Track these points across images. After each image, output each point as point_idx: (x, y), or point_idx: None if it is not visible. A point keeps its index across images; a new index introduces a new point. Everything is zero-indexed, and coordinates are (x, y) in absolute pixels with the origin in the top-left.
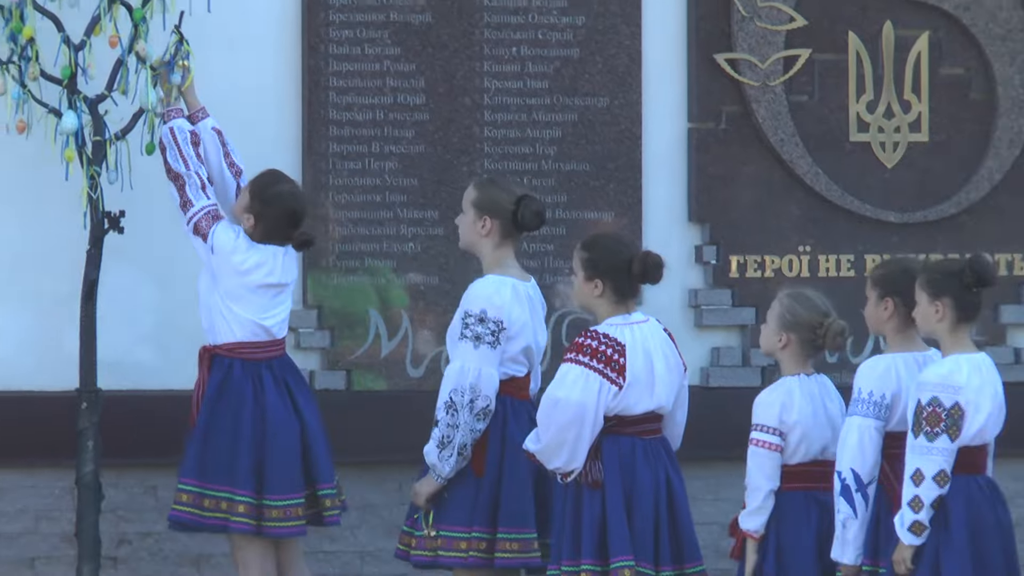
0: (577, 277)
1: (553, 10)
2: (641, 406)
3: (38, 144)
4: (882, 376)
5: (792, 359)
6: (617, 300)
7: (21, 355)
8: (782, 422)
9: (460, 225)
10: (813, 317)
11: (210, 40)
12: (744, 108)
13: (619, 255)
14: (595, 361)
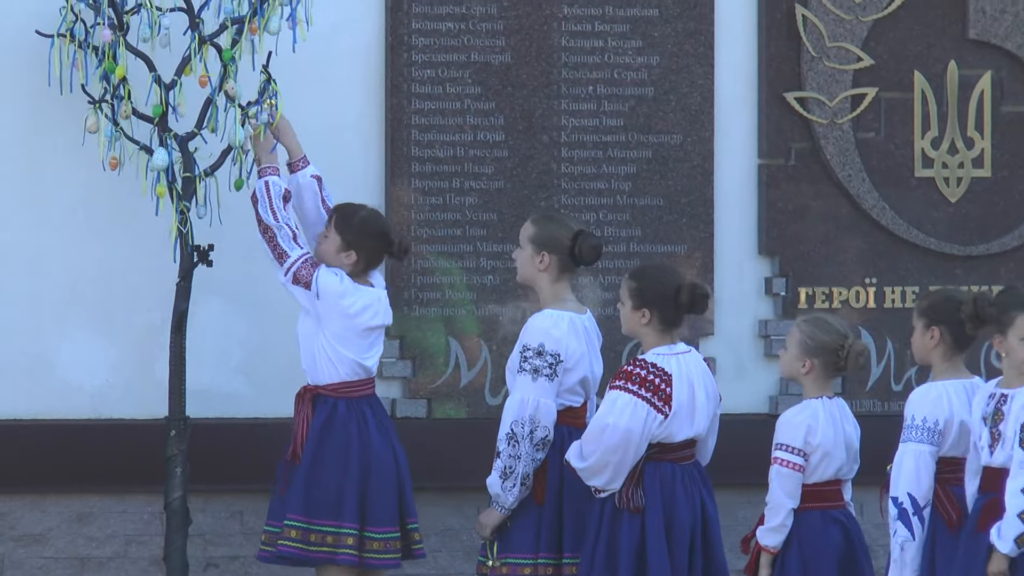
0: (625, 306)
1: (628, 50)
2: (682, 434)
3: (130, 180)
4: (935, 403)
5: (815, 383)
6: (663, 329)
7: (113, 384)
8: (807, 443)
9: (518, 260)
10: (834, 340)
11: (297, 80)
12: (813, 145)
13: (666, 285)
14: (643, 390)
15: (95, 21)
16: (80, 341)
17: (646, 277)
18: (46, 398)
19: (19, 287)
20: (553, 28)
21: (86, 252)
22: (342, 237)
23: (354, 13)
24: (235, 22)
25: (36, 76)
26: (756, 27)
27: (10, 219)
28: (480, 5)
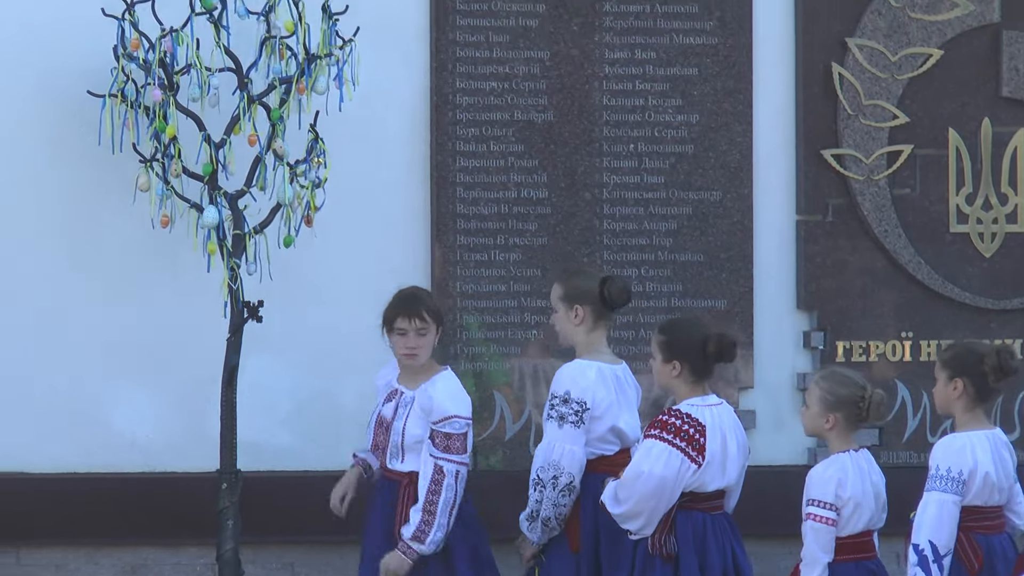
0: (656, 360)
1: (669, 108)
2: (714, 484)
3: (181, 237)
4: (959, 453)
5: (840, 437)
6: (694, 380)
7: (165, 437)
8: (838, 497)
9: (556, 324)
10: (853, 393)
11: (344, 138)
12: (850, 201)
13: (694, 337)
14: (678, 439)
15: (146, 81)
16: (133, 395)
17: (674, 330)
18: (100, 451)
19: (73, 343)
20: (595, 87)
21: (137, 309)
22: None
23: (400, 73)
24: (283, 82)
25: (88, 136)
26: (793, 86)
27: (64, 276)
28: (523, 65)
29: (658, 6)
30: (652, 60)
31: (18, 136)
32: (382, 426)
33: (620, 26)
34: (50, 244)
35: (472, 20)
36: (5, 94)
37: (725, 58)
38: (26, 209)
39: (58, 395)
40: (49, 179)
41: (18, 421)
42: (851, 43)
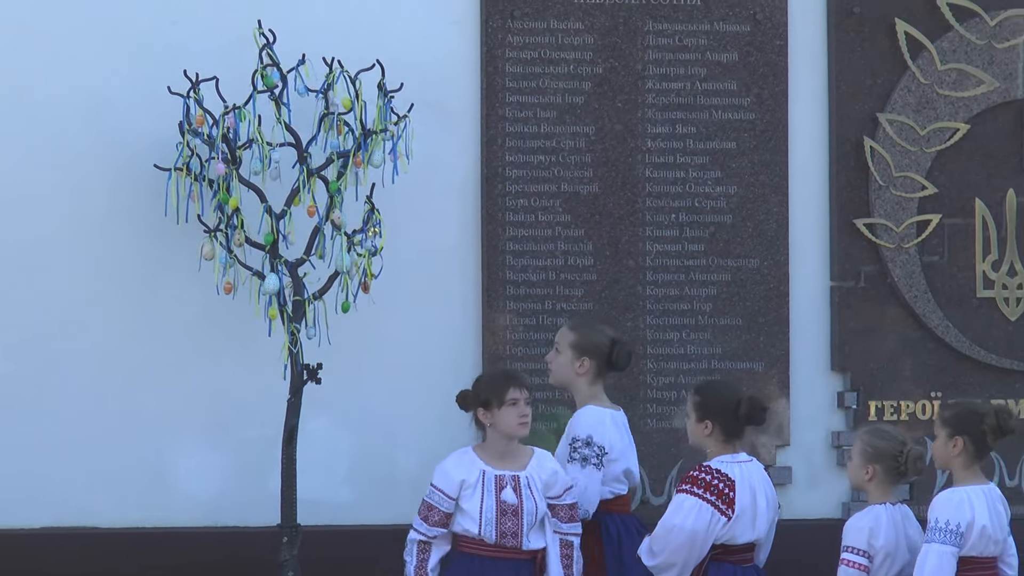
0: (690, 419)
1: (708, 180)
2: (744, 537)
3: (243, 304)
4: (957, 507)
5: (878, 489)
6: (725, 440)
7: (228, 493)
8: (870, 545)
9: (553, 364)
10: (893, 447)
11: (399, 209)
12: (881, 268)
13: (727, 399)
14: (708, 493)
15: (210, 156)
16: (197, 454)
17: (708, 391)
18: (165, 508)
19: (140, 404)
20: (638, 160)
21: (202, 371)
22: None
23: (452, 147)
24: (340, 156)
25: (155, 207)
26: (827, 158)
27: (131, 341)
28: (569, 139)
29: (698, 83)
30: (692, 134)
31: (88, 208)
32: (506, 514)
33: (662, 102)
34: (120, 310)
35: (520, 97)
36: (75, 167)
37: (762, 132)
38: (97, 277)
39: (126, 453)
40: (118, 249)
41: (88, 478)
42: (882, 118)
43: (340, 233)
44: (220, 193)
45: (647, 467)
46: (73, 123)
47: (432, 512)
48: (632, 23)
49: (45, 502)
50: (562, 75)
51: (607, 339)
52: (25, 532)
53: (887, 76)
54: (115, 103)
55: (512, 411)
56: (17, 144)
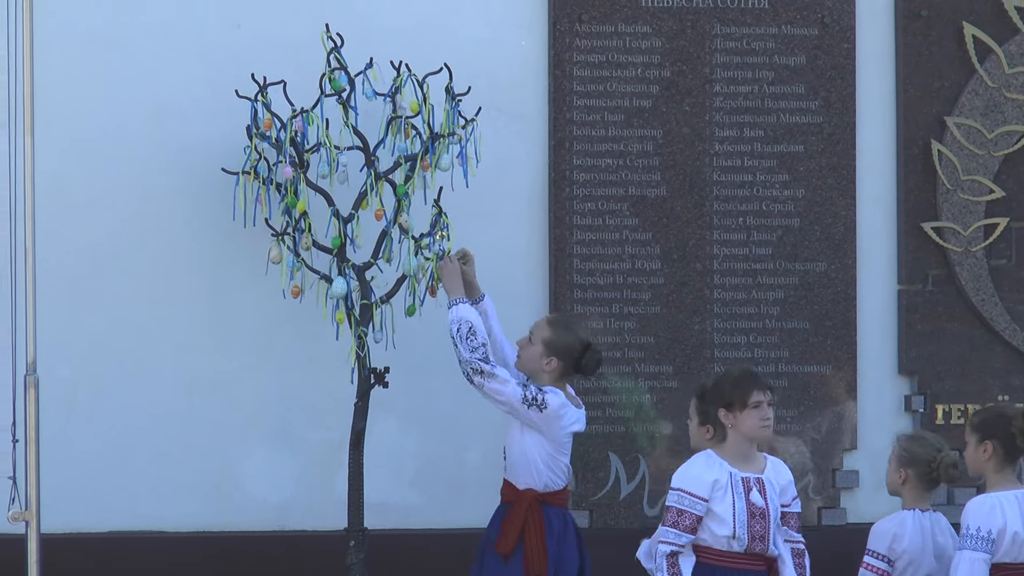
0: (692, 422)
1: (776, 184)
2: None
3: (311, 307)
4: (989, 514)
5: (912, 494)
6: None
7: (296, 497)
8: (891, 549)
9: (522, 351)
10: (927, 453)
11: (466, 213)
12: (948, 271)
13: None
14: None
15: (277, 159)
16: (265, 458)
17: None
18: (233, 512)
19: (208, 407)
20: (705, 163)
21: (270, 375)
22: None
23: (520, 151)
24: (408, 159)
25: (223, 211)
26: (895, 162)
27: (199, 344)
28: (637, 143)
29: (766, 87)
30: (760, 138)
31: (156, 212)
32: (755, 516)
33: (729, 106)
34: (188, 314)
35: (588, 100)
36: (144, 172)
37: (830, 136)
38: (165, 281)
39: (194, 457)
40: (186, 253)
41: (156, 482)
42: (949, 122)
43: (407, 237)
44: (288, 197)
45: None
46: (141, 128)
47: (683, 517)
48: (700, 26)
49: (113, 506)
50: (630, 79)
51: (580, 344)
52: (93, 536)
53: (954, 79)
54: (182, 107)
55: (755, 414)
56: (86, 149)
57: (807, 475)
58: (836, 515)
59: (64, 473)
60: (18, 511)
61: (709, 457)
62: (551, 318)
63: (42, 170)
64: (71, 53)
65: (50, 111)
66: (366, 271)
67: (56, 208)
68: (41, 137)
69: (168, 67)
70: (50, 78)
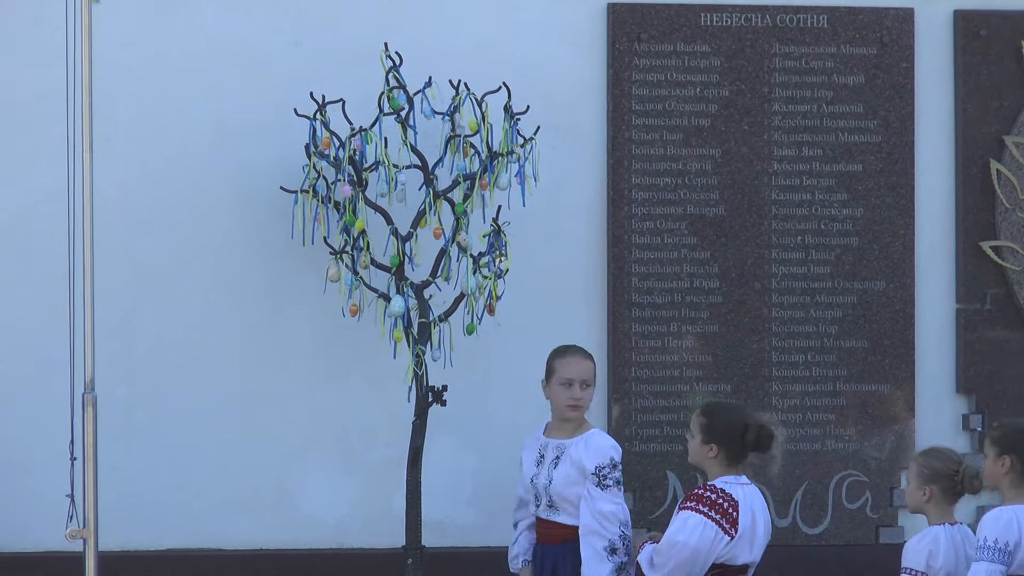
0: (694, 439)
1: (835, 203)
2: (743, 558)
3: (369, 326)
4: (1006, 526)
5: (937, 510)
6: (728, 464)
7: (354, 516)
8: (929, 567)
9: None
10: (948, 466)
11: (525, 231)
12: (1007, 290)
13: (734, 424)
14: (713, 511)
15: (336, 178)
16: (322, 476)
17: (716, 415)
18: (291, 530)
19: (266, 426)
20: (764, 182)
21: (328, 393)
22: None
23: (578, 170)
24: (467, 178)
25: (281, 229)
26: (953, 181)
27: (258, 363)
28: (696, 162)
29: (824, 106)
30: (819, 157)
31: (215, 230)
32: None
33: (788, 125)
34: (246, 332)
35: (647, 120)
36: (203, 190)
37: (888, 155)
38: (224, 300)
39: (251, 475)
40: (245, 271)
41: (214, 500)
42: (1008, 141)
43: (466, 255)
44: (346, 215)
45: (772, 489)
46: (200, 146)
47: None
48: (759, 46)
49: (170, 524)
50: (688, 98)
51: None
52: (151, 554)
53: (1014, 98)
54: (242, 126)
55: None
56: (145, 167)
57: (865, 493)
58: (894, 533)
59: (122, 491)
60: (76, 529)
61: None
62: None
63: (101, 188)
64: (131, 71)
65: (110, 129)
66: (424, 289)
67: (115, 226)
68: (101, 155)
69: (228, 85)
70: (111, 96)
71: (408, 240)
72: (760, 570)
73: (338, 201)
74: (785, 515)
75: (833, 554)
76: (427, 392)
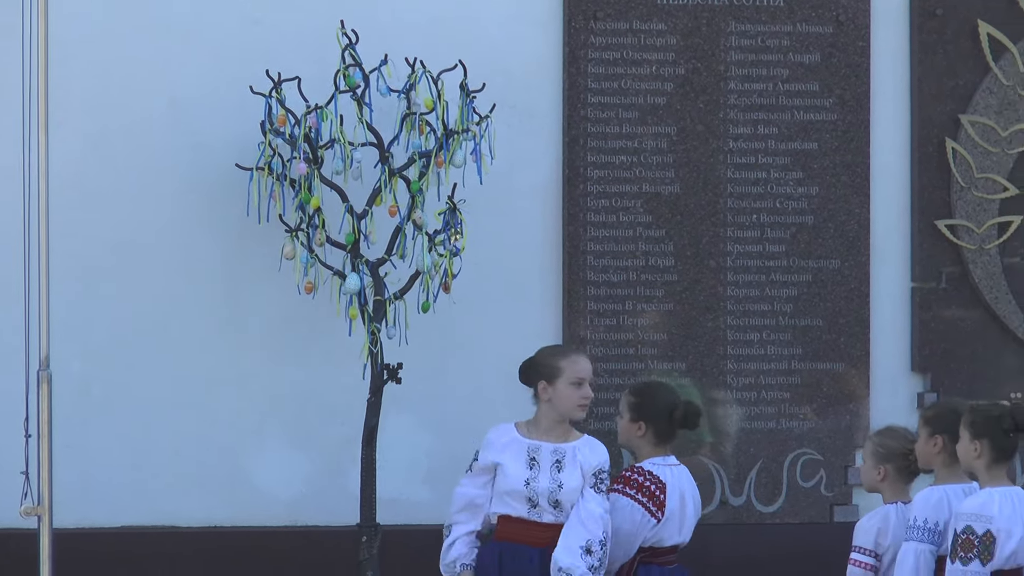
0: (623, 418)
1: (790, 181)
2: (671, 540)
3: (324, 303)
4: (936, 506)
5: (892, 488)
6: (657, 443)
7: (308, 493)
8: (878, 544)
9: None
10: (903, 445)
11: (480, 209)
12: (962, 269)
13: (663, 402)
14: (639, 494)
15: (291, 155)
16: (277, 454)
17: (645, 393)
18: (245, 507)
19: (220, 403)
20: (719, 161)
21: (283, 371)
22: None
23: (534, 148)
24: (422, 156)
25: (236, 207)
26: (909, 160)
27: (213, 340)
28: (651, 140)
29: (780, 84)
30: (774, 135)
31: (169, 208)
32: None
33: (744, 103)
34: (201, 310)
35: (603, 98)
36: (158, 167)
37: (844, 133)
38: (178, 277)
39: (206, 452)
40: (200, 248)
41: (169, 478)
42: (964, 119)
43: (421, 233)
44: (302, 193)
45: (727, 468)
46: (156, 123)
47: None
48: (714, 24)
49: (125, 501)
50: (644, 76)
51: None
52: (105, 531)
53: (969, 77)
54: (196, 103)
55: None
56: (100, 144)
57: (820, 471)
58: (849, 511)
59: (76, 468)
60: (30, 506)
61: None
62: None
63: (56, 165)
64: (86, 48)
65: (65, 106)
66: (380, 267)
67: (70, 203)
68: (55, 132)
69: (183, 62)
70: (65, 73)
71: (363, 218)
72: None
73: (293, 179)
74: (740, 493)
75: (788, 532)
76: (382, 370)
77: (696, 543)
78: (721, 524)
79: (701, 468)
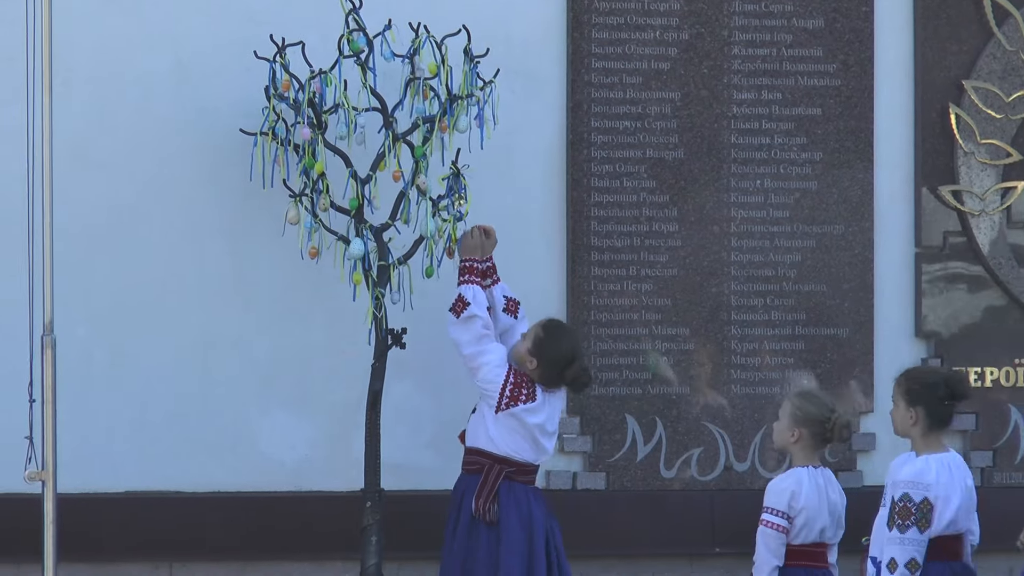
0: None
1: (794, 147)
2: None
3: (328, 268)
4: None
5: (803, 452)
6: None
7: (313, 458)
8: (790, 507)
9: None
10: (821, 413)
11: (484, 174)
12: (966, 234)
13: (560, 354)
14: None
15: (295, 120)
16: (281, 418)
17: (550, 335)
18: (249, 472)
19: (225, 369)
20: (723, 126)
21: (287, 336)
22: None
23: (537, 113)
24: (426, 121)
25: (240, 172)
26: (912, 125)
27: (217, 305)
28: (655, 105)
29: (784, 50)
30: (778, 101)
31: (173, 172)
32: None
33: (748, 68)
34: (205, 275)
35: (607, 63)
36: (162, 132)
37: (847, 99)
38: (182, 242)
39: (212, 419)
40: (204, 213)
41: (172, 443)
42: (967, 85)
43: (425, 198)
44: (306, 158)
45: (730, 432)
46: (159, 88)
47: None
48: None
49: (129, 466)
50: (648, 41)
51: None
52: (109, 496)
53: (972, 43)
54: (201, 67)
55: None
56: (104, 110)
57: None
58: (853, 477)
59: (80, 433)
60: (34, 471)
61: None
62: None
63: (60, 130)
64: (90, 13)
65: (68, 72)
66: (383, 232)
67: (74, 168)
68: (59, 98)
69: (187, 27)
70: (69, 39)
71: (367, 183)
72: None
73: (297, 144)
74: (744, 459)
75: None
76: (386, 335)
77: (701, 508)
78: (724, 489)
79: (706, 434)
